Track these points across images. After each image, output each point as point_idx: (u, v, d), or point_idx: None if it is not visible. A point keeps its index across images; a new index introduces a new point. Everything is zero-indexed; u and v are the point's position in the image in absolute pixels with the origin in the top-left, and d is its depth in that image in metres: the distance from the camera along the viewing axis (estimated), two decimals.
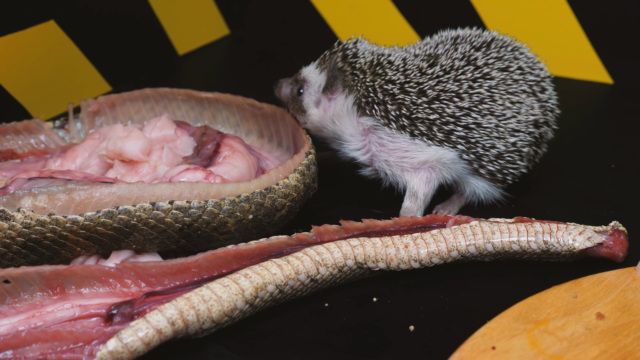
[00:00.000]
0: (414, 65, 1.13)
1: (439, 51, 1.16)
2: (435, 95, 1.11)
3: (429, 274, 1.04)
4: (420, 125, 1.10)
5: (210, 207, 1.01)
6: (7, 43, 1.37)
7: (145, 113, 1.30)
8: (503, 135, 1.13)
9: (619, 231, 1.05)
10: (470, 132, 1.11)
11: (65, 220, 0.97)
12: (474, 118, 1.11)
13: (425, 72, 1.12)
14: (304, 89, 1.17)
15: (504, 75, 1.14)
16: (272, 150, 1.26)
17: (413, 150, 1.12)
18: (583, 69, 1.64)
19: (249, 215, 1.03)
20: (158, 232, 1.00)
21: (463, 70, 1.13)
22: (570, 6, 1.59)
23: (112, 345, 0.86)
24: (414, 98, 1.10)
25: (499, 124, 1.12)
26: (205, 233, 1.02)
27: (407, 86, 1.11)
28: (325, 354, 0.92)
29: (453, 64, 1.13)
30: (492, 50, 1.16)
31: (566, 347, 0.88)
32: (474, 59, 1.14)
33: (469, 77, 1.12)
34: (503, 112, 1.13)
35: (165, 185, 1.01)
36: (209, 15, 1.89)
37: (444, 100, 1.11)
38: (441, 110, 1.10)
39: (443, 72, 1.12)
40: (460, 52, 1.15)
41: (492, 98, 1.12)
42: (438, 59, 1.14)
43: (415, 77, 1.12)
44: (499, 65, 1.15)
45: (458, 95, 1.11)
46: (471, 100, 1.11)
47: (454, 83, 1.12)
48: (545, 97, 1.19)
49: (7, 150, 1.22)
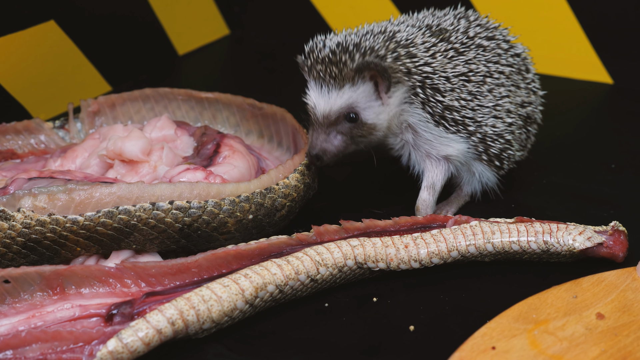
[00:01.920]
0: (431, 45, 1.10)
1: (442, 23, 1.14)
2: (458, 82, 1.09)
3: (429, 274, 1.04)
4: (450, 113, 1.09)
5: (210, 207, 1.01)
6: (7, 43, 1.37)
7: (145, 113, 1.30)
8: (501, 115, 1.13)
9: (619, 231, 1.05)
10: (476, 113, 1.11)
11: (65, 220, 0.97)
12: (479, 100, 1.11)
13: (447, 55, 1.10)
14: (358, 111, 1.07)
15: (496, 55, 1.14)
16: (272, 150, 1.26)
17: (445, 142, 1.11)
18: (583, 69, 1.64)
19: (249, 215, 1.03)
20: (158, 232, 1.00)
21: (467, 47, 1.12)
22: (570, 6, 1.59)
23: (112, 345, 0.86)
24: (447, 86, 1.09)
25: (497, 103, 1.12)
26: (205, 233, 1.02)
27: (442, 75, 1.09)
28: (325, 354, 0.92)
29: (459, 40, 1.12)
30: (480, 27, 1.16)
31: (566, 347, 0.88)
32: (473, 36, 1.13)
33: (473, 56, 1.11)
34: (500, 91, 1.13)
35: (165, 185, 1.01)
36: (209, 15, 1.89)
37: (462, 85, 1.10)
38: (458, 94, 1.10)
39: (455, 52, 1.11)
40: (462, 26, 1.14)
41: (491, 76, 1.12)
42: (446, 33, 1.11)
43: (440, 60, 1.09)
44: (492, 43, 1.15)
45: (467, 77, 1.11)
46: (477, 81, 1.11)
47: (464, 65, 1.10)
48: (530, 78, 1.19)
49: (7, 150, 1.22)
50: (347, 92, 1.06)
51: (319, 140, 1.08)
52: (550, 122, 1.32)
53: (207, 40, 1.89)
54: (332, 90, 1.06)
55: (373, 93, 1.07)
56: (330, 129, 1.07)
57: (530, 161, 1.28)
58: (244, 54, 1.88)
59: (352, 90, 1.06)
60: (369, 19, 1.78)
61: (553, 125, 1.41)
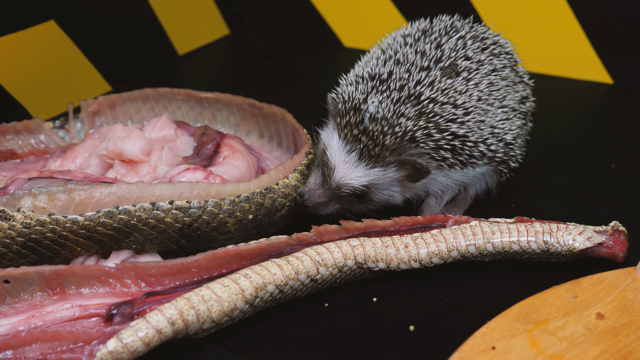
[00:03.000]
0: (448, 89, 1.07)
1: (444, 52, 1.11)
2: (467, 120, 1.08)
3: (429, 274, 1.04)
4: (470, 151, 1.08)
5: (210, 207, 1.01)
6: (7, 43, 1.37)
7: (145, 113, 1.30)
8: (508, 116, 1.12)
9: (619, 231, 1.05)
10: (493, 130, 1.10)
11: (65, 220, 0.97)
12: (490, 115, 1.10)
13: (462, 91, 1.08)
14: (372, 190, 1.07)
15: (492, 64, 1.13)
16: (272, 150, 1.26)
17: (462, 178, 1.12)
18: (583, 69, 1.64)
19: (249, 215, 1.03)
20: (158, 232, 1.00)
21: (473, 70, 1.10)
22: (570, 6, 1.59)
23: (112, 345, 0.86)
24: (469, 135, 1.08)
25: (503, 105, 1.12)
26: (205, 233, 1.02)
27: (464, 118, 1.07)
28: (325, 354, 0.92)
29: (467, 68, 1.10)
30: (472, 40, 1.14)
31: (566, 347, 0.88)
32: (472, 55, 1.11)
33: (479, 77, 1.10)
34: (502, 93, 1.12)
35: (165, 185, 1.01)
36: (209, 15, 1.88)
37: (477, 115, 1.08)
38: (468, 128, 1.08)
39: (464, 80, 1.09)
40: (459, 45, 1.12)
41: (493, 84, 1.11)
42: (456, 67, 1.09)
43: (460, 105, 1.07)
44: (487, 54, 1.13)
45: (481, 99, 1.09)
46: (486, 98, 1.10)
47: (475, 88, 1.09)
48: (521, 71, 1.18)
49: (7, 150, 1.22)
50: (375, 173, 1.05)
51: (316, 196, 1.07)
52: (550, 122, 1.32)
53: (207, 40, 1.89)
54: (360, 163, 1.05)
55: (398, 180, 1.07)
56: (333, 197, 1.08)
57: (530, 161, 1.28)
58: (244, 54, 1.88)
59: (380, 172, 1.05)
60: (369, 19, 1.79)
61: (553, 125, 1.41)
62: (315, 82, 1.69)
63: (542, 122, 1.23)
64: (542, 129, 1.25)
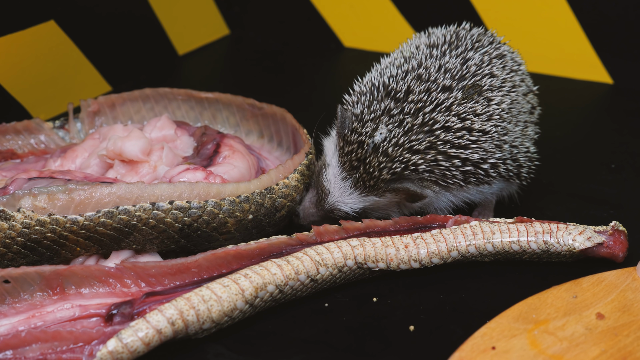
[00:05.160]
0: (465, 113, 1.04)
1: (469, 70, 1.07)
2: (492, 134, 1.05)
3: (429, 274, 1.04)
4: (475, 170, 1.06)
5: (210, 207, 1.01)
6: (7, 43, 1.37)
7: (145, 113, 1.30)
8: (519, 127, 1.11)
9: (619, 231, 1.05)
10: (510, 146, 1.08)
11: (65, 220, 0.97)
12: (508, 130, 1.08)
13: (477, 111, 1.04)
14: (369, 212, 1.06)
15: (505, 75, 1.10)
16: (272, 150, 1.26)
17: (476, 196, 1.10)
18: (583, 69, 1.64)
19: (249, 215, 1.03)
20: (158, 232, 1.00)
21: (495, 87, 1.07)
22: (570, 6, 1.59)
23: (112, 345, 0.86)
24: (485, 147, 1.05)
25: (517, 118, 1.10)
26: (205, 233, 1.02)
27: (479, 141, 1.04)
28: (325, 354, 0.92)
29: (487, 85, 1.06)
30: (487, 55, 1.10)
31: (566, 347, 0.88)
32: (489, 72, 1.08)
33: (499, 94, 1.07)
34: (516, 107, 1.10)
35: (165, 185, 1.01)
36: (209, 15, 1.89)
37: (490, 138, 1.05)
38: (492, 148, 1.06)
39: (486, 101, 1.05)
40: (477, 60, 1.08)
41: (515, 105, 1.09)
42: (478, 88, 1.05)
43: (476, 128, 1.04)
44: (501, 65, 1.11)
45: (501, 117, 1.06)
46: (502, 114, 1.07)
47: (493, 106, 1.05)
48: (525, 74, 1.16)
49: (7, 150, 1.22)
50: (369, 200, 1.05)
51: (310, 214, 1.08)
52: (550, 122, 1.32)
53: (207, 40, 1.89)
54: (355, 190, 1.04)
55: (396, 202, 1.06)
56: (327, 217, 1.07)
57: None
58: (244, 54, 1.88)
59: (376, 198, 1.05)
60: (369, 19, 1.79)
61: (553, 125, 1.41)
62: (315, 82, 1.69)
63: (542, 122, 1.23)
64: (542, 129, 1.25)
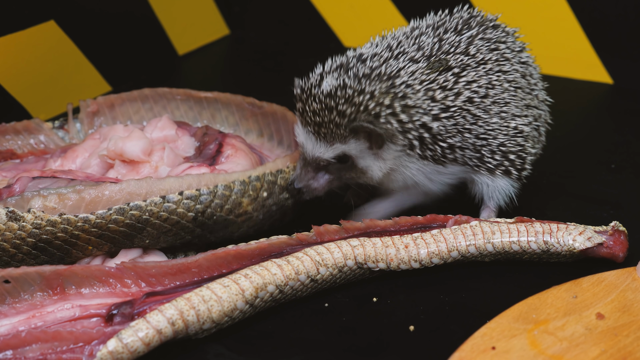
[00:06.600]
0: (428, 82, 1.03)
1: (443, 46, 1.07)
2: (461, 113, 1.04)
3: (429, 274, 1.04)
4: (451, 153, 1.05)
5: (220, 190, 1.01)
6: (7, 43, 1.37)
7: (144, 113, 1.30)
8: (507, 123, 1.09)
9: (619, 231, 1.05)
10: (486, 135, 1.07)
11: (76, 220, 0.97)
12: (484, 119, 1.06)
13: (447, 87, 1.03)
14: (351, 156, 1.04)
15: (499, 64, 1.09)
16: (272, 149, 1.26)
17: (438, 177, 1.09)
18: (583, 69, 1.64)
19: (263, 192, 1.03)
20: (171, 225, 1.00)
21: (468, 66, 1.06)
22: (570, 6, 1.59)
23: (112, 346, 0.86)
24: (448, 128, 1.04)
25: (502, 110, 1.08)
26: (221, 217, 1.02)
27: (440, 115, 1.03)
28: (325, 354, 0.92)
29: (459, 63, 1.05)
30: (482, 40, 1.09)
31: (566, 347, 0.88)
32: (475, 53, 1.07)
33: (474, 74, 1.06)
34: (503, 97, 1.08)
35: (174, 178, 1.01)
36: (209, 15, 1.89)
37: (465, 113, 1.04)
38: (461, 131, 1.04)
39: (454, 76, 1.04)
40: (464, 41, 1.07)
41: (494, 88, 1.07)
42: (445, 63, 1.05)
43: (439, 100, 1.03)
44: (495, 54, 1.09)
45: (471, 101, 1.05)
46: (480, 100, 1.06)
47: (465, 86, 1.04)
48: (535, 81, 1.15)
49: (6, 151, 1.22)
50: (339, 147, 1.03)
51: (307, 177, 1.06)
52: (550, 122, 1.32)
53: (207, 40, 1.89)
54: (323, 142, 1.04)
55: (366, 148, 1.04)
56: (319, 169, 1.06)
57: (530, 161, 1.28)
58: (244, 54, 1.88)
59: (343, 145, 1.03)
60: (369, 19, 1.79)
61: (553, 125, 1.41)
62: None
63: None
64: None
